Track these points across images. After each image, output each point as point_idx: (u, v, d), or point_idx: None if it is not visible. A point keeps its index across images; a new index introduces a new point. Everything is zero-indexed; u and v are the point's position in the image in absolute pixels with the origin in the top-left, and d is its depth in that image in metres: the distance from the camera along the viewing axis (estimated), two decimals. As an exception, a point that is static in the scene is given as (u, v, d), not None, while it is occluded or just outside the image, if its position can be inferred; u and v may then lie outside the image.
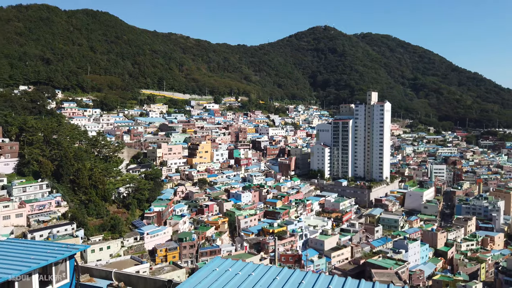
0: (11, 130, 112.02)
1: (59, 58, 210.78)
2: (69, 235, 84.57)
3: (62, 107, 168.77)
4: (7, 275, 10.20)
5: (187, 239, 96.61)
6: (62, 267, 12.32)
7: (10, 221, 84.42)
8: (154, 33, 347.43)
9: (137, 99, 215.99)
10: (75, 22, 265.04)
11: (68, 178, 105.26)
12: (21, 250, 12.23)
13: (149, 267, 77.89)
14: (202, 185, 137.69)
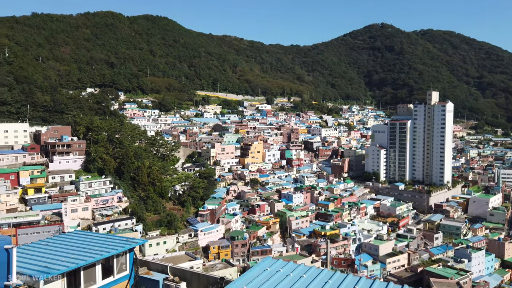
0: (79, 130, 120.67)
1: (122, 61, 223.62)
2: (129, 229, 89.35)
3: (124, 108, 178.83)
4: (74, 264, 10.99)
5: (239, 237, 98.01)
6: (123, 259, 13.02)
7: (77, 214, 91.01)
8: (209, 36, 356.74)
9: (192, 100, 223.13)
10: (136, 27, 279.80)
11: (129, 175, 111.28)
12: (87, 241, 13.12)
13: (202, 264, 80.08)
14: (254, 185, 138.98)
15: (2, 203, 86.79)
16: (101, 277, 12.13)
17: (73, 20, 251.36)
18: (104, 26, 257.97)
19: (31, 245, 13.15)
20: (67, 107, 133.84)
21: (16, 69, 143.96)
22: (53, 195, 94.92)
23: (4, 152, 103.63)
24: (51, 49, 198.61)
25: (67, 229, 79.69)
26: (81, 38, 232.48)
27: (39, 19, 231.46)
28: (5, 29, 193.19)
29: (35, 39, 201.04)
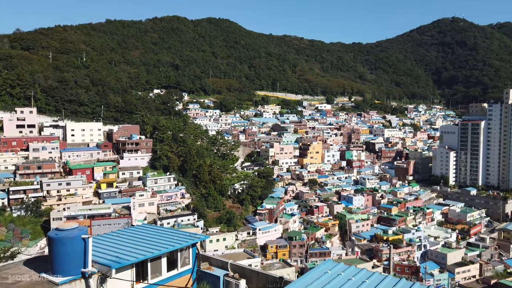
0: (146, 129, 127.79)
1: (186, 64, 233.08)
2: (191, 225, 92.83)
3: (188, 108, 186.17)
4: (142, 256, 11.61)
5: (297, 238, 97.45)
6: (186, 253, 13.49)
7: (144, 208, 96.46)
8: (270, 36, 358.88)
9: (252, 100, 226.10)
10: (200, 30, 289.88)
11: (191, 173, 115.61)
12: (153, 235, 13.80)
13: (260, 262, 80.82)
14: (313, 186, 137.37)
15: (78, 196, 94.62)
16: (166, 270, 12.68)
17: (142, 25, 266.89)
18: (170, 30, 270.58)
19: (104, 236, 14.11)
20: (136, 107, 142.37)
21: (92, 72, 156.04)
22: (123, 190, 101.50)
23: (81, 149, 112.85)
24: (122, 53, 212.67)
25: (135, 222, 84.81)
26: (149, 42, 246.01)
27: (112, 25, 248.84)
28: (83, 35, 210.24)
29: (109, 44, 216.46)
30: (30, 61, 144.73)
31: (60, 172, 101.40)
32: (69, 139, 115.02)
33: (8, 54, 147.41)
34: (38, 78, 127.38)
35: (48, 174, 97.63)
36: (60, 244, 10.22)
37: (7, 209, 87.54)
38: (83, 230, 10.74)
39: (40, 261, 11.51)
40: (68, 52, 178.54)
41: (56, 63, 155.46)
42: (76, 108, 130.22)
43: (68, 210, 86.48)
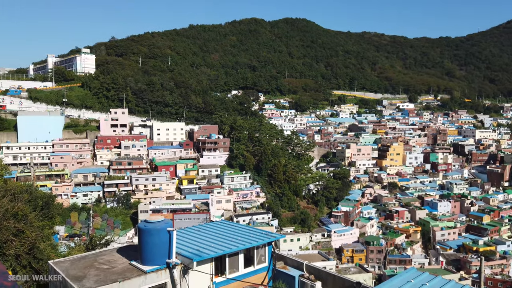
0: (224, 128, 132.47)
1: (262, 65, 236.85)
2: (265, 223, 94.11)
3: (263, 108, 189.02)
4: (221, 251, 12.04)
5: (375, 243, 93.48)
6: (262, 251, 13.69)
7: (221, 205, 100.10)
8: (348, 33, 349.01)
9: (328, 100, 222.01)
10: (277, 31, 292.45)
11: (266, 172, 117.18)
12: (232, 231, 14.24)
13: (335, 265, 79.06)
14: (392, 189, 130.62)
15: (163, 191, 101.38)
16: (243, 266, 12.99)
17: (222, 29, 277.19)
18: (248, 32, 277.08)
19: (186, 229, 14.89)
20: (215, 108, 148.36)
21: (176, 75, 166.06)
22: (202, 187, 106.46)
23: (166, 147, 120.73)
24: (203, 56, 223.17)
25: (213, 217, 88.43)
26: (228, 45, 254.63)
27: (194, 30, 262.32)
28: (168, 41, 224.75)
29: (191, 48, 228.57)
30: (123, 66, 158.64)
31: (147, 168, 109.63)
32: (155, 138, 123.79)
33: (104, 60, 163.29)
34: (130, 81, 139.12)
35: (137, 170, 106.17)
36: (148, 235, 11.02)
37: (102, 200, 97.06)
38: (168, 223, 11.45)
39: (130, 250, 12.53)
40: (155, 57, 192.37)
41: (145, 68, 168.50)
42: (162, 109, 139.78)
43: (153, 203, 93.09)
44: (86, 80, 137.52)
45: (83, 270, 11.10)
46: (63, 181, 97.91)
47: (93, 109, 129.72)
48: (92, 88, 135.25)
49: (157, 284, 10.85)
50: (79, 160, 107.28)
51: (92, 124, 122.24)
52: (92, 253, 12.84)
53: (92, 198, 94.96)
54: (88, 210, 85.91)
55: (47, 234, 14.91)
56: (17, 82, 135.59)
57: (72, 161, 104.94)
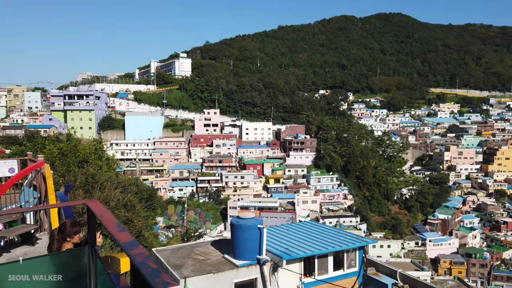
0: (311, 128, 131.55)
1: (352, 63, 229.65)
2: (353, 227, 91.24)
3: (352, 108, 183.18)
4: (310, 251, 12.00)
5: (478, 256, 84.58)
6: (352, 255, 13.31)
7: (307, 206, 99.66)
8: (449, 26, 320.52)
9: (425, 99, 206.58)
10: (368, 27, 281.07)
11: (355, 174, 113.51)
12: (320, 232, 14.09)
13: (430, 276, 73.41)
14: (500, 197, 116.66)
15: (250, 189, 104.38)
16: (332, 269, 12.77)
17: (310, 28, 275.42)
18: (338, 30, 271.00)
19: (275, 227, 15.14)
20: (302, 108, 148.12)
21: (265, 76, 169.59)
22: (288, 186, 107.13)
23: (254, 146, 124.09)
24: (291, 57, 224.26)
25: (298, 217, 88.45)
26: (317, 44, 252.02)
27: (283, 31, 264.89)
28: (258, 42, 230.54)
29: (280, 49, 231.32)
30: (215, 68, 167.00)
31: (236, 166, 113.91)
32: (244, 137, 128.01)
33: (199, 64, 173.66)
34: (221, 83, 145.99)
35: (226, 168, 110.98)
36: (240, 231, 11.46)
37: (196, 195, 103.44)
38: (259, 221, 11.76)
39: (223, 244, 13.15)
40: (245, 59, 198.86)
41: (235, 69, 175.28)
42: (251, 109, 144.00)
43: (241, 200, 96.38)
44: (183, 83, 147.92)
45: (181, 259, 11.96)
46: (162, 176, 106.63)
47: (188, 109, 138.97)
48: (188, 90, 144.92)
49: (248, 278, 11.22)
50: (176, 157, 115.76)
51: (187, 123, 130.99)
52: (189, 244, 13.77)
53: (187, 192, 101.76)
54: (183, 203, 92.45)
55: (150, 224, 16.39)
56: (125, 85, 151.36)
57: (170, 157, 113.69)
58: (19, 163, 12.70)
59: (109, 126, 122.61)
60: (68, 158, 16.71)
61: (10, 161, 12.74)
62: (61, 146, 18.26)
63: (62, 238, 4.11)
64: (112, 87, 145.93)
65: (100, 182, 14.86)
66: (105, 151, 22.73)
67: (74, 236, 4.12)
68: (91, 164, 16.78)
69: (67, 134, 21.09)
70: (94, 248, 2.44)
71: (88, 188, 14.28)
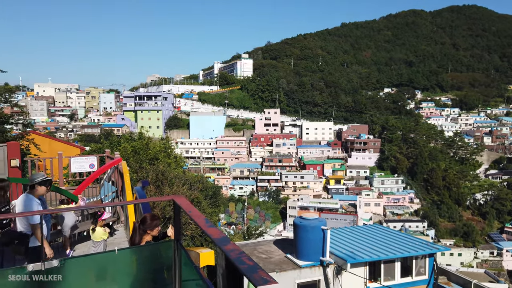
0: (375, 128, 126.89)
1: (420, 59, 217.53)
2: (419, 232, 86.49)
3: (420, 107, 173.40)
4: (376, 256, 11.60)
5: None
6: (422, 262, 12.65)
7: (369, 208, 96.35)
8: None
9: (503, 96, 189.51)
10: (439, 21, 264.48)
11: (422, 177, 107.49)
12: (387, 237, 13.56)
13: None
14: None
15: (310, 189, 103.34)
16: (400, 275, 12.24)
17: (375, 24, 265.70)
18: (405, 26, 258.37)
19: (338, 229, 14.85)
20: (365, 107, 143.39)
21: (326, 75, 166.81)
22: (350, 188, 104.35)
23: (314, 146, 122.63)
24: (354, 54, 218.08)
25: (360, 220, 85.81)
26: (382, 40, 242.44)
27: (346, 28, 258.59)
28: (319, 41, 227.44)
29: (342, 47, 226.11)
30: (276, 68, 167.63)
31: (296, 166, 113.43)
32: (304, 137, 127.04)
33: (260, 64, 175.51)
34: (282, 83, 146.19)
35: (286, 167, 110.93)
36: (304, 231, 11.41)
37: (255, 194, 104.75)
38: (323, 222, 11.62)
39: (286, 243, 13.20)
40: (306, 58, 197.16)
41: (296, 69, 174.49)
42: (311, 108, 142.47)
43: (301, 200, 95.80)
44: (244, 83, 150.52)
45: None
46: (223, 174, 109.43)
47: (249, 109, 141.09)
48: (249, 90, 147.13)
49: (311, 280, 11.15)
50: (237, 156, 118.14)
51: (248, 123, 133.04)
52: (252, 242, 14.00)
53: (247, 191, 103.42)
54: (243, 201, 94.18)
55: (214, 221, 16.91)
56: (190, 86, 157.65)
57: (231, 156, 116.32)
58: (98, 159, 13.82)
59: (175, 126, 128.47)
60: (140, 156, 17.87)
61: (90, 157, 13.91)
62: (134, 144, 19.58)
63: (143, 230, 4.41)
64: (178, 88, 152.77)
65: (169, 179, 15.64)
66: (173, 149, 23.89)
67: (154, 229, 4.40)
68: (160, 162, 17.77)
69: (139, 133, 22.48)
70: (179, 242, 2.61)
71: (158, 184, 15.10)
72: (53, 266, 2.45)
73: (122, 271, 2.90)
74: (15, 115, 16.43)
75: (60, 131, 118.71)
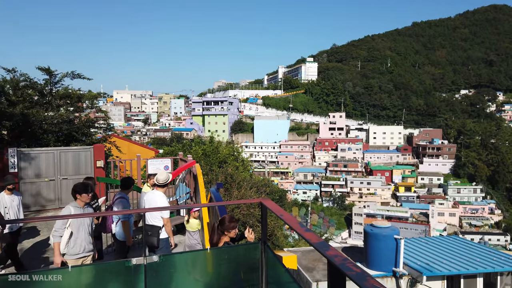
0: (450, 133, 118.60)
1: (503, 58, 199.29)
2: (501, 246, 78.93)
3: (502, 109, 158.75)
4: (456, 270, 10.82)
5: None
6: (507, 279, 11.55)
7: (443, 218, 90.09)
8: None
9: None
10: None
11: (504, 186, 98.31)
12: (467, 250, 12.58)
13: None
14: None
15: (377, 196, 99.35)
16: (482, 292, 11.28)
17: (451, 22, 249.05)
18: (484, 22, 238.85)
19: (412, 239, 14.09)
20: (439, 110, 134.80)
21: (395, 77, 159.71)
22: (421, 196, 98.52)
23: (382, 151, 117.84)
24: (427, 55, 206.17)
25: (433, 231, 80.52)
26: (458, 39, 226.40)
27: (418, 27, 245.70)
28: (388, 42, 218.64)
29: (413, 47, 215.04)
30: (342, 71, 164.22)
31: (362, 172, 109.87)
32: (371, 142, 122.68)
33: (325, 67, 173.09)
34: (348, 86, 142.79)
35: (352, 173, 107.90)
36: (375, 240, 10.99)
37: (319, 199, 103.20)
38: (395, 231, 11.11)
39: (355, 251, 12.82)
40: (374, 60, 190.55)
41: (363, 71, 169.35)
42: (379, 112, 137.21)
43: (367, 207, 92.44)
44: (308, 87, 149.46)
45: (312, 262, 12.07)
46: (287, 178, 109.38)
47: (313, 113, 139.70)
48: (314, 94, 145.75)
49: (382, 290, 10.69)
50: (300, 160, 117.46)
51: (312, 127, 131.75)
52: (319, 248, 13.79)
53: (311, 196, 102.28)
54: (307, 206, 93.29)
55: (280, 225, 16.99)
56: (254, 91, 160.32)
57: (295, 160, 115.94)
58: (172, 161, 14.61)
59: (240, 130, 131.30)
60: (210, 159, 18.57)
61: (165, 160, 14.76)
62: (204, 147, 20.41)
63: (221, 231, 4.57)
64: (243, 93, 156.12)
65: (237, 182, 16.03)
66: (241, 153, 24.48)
67: (231, 231, 4.54)
68: (229, 165, 18.30)
69: (210, 137, 23.43)
70: (267, 244, 2.66)
71: (227, 186, 15.54)
72: (154, 261, 2.68)
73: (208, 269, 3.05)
74: (99, 120, 17.94)
75: (135, 135, 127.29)
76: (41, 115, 13.56)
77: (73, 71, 15.55)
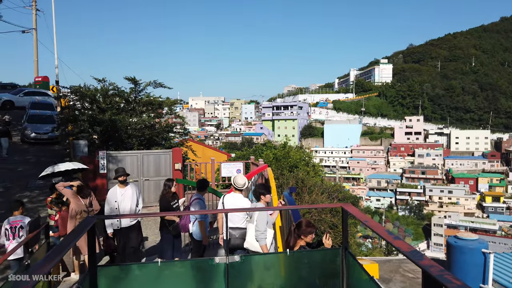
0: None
1: None
2: None
3: None
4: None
5: None
6: None
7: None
8: None
9: None
10: None
11: None
12: None
13: None
14: None
15: (460, 206, 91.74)
16: None
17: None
18: None
19: (503, 254, 12.78)
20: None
21: (481, 76, 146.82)
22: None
23: (465, 157, 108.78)
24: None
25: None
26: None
27: (507, 22, 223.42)
28: (473, 39, 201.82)
29: (502, 44, 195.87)
30: (419, 72, 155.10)
31: (442, 179, 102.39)
32: (452, 147, 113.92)
33: (401, 68, 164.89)
34: (426, 88, 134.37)
35: (431, 180, 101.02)
36: (459, 253, 10.14)
37: (394, 207, 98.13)
38: (484, 244, 10.14)
39: (436, 264, 11.96)
40: (456, 59, 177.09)
41: (443, 72, 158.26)
42: (462, 115, 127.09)
43: (449, 218, 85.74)
44: (382, 90, 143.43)
45: (389, 273, 11.50)
46: (359, 184, 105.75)
47: (388, 117, 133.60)
48: (388, 96, 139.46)
49: (469, 309, 9.81)
50: (373, 166, 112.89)
51: (386, 131, 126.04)
52: (397, 259, 13.12)
53: (385, 203, 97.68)
54: (380, 214, 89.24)
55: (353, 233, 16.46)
56: (325, 95, 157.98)
57: (367, 166, 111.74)
58: (244, 165, 14.93)
59: (309, 134, 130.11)
60: (281, 163, 18.68)
61: (237, 163, 15.15)
62: (275, 152, 20.61)
63: (297, 235, 4.56)
64: (313, 97, 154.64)
65: (308, 187, 15.88)
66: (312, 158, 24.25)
67: (307, 236, 4.51)
68: (300, 170, 18.25)
69: (284, 142, 23.60)
70: (348, 250, 2.59)
71: (298, 191, 15.47)
72: (235, 261, 2.77)
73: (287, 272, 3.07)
74: (176, 125, 18.97)
75: (208, 139, 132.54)
76: (126, 121, 14.69)
77: (155, 80, 16.66)
